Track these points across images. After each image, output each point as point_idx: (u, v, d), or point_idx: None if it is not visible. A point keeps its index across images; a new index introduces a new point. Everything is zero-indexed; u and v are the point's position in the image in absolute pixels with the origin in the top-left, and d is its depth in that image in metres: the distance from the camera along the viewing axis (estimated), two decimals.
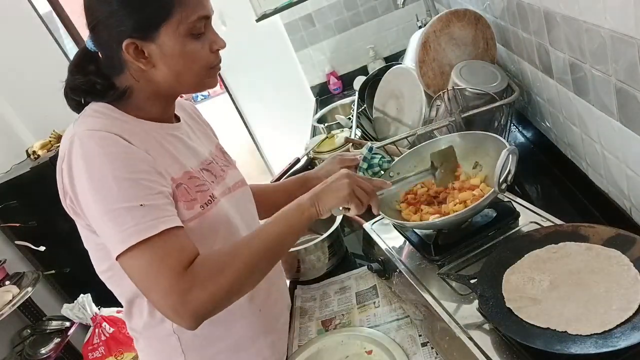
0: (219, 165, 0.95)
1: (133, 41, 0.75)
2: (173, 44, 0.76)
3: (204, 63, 0.81)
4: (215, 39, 0.82)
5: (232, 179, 0.97)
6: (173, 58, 0.78)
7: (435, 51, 1.29)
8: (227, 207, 0.89)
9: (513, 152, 0.80)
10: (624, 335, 0.57)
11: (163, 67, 0.78)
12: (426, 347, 0.87)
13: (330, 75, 2.67)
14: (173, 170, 0.81)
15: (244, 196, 0.99)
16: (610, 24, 0.66)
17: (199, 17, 0.77)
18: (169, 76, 0.80)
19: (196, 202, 0.82)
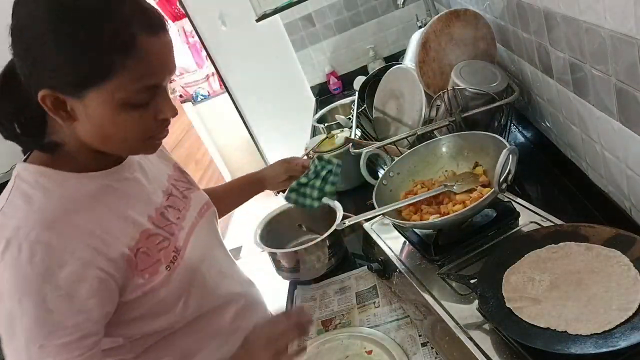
0: (180, 191, 0.87)
1: (53, 93, 0.62)
2: (103, 109, 0.64)
3: (139, 134, 0.69)
4: (164, 107, 0.68)
5: (198, 203, 0.90)
6: (100, 123, 0.65)
7: (435, 51, 1.29)
8: (197, 249, 0.82)
9: (513, 152, 0.80)
10: (624, 335, 0.57)
11: (88, 127, 0.66)
12: (426, 347, 0.87)
13: (330, 75, 2.67)
14: (127, 236, 0.71)
15: (212, 219, 0.93)
16: (610, 24, 0.66)
17: (145, 87, 0.64)
18: (93, 138, 0.68)
19: (160, 263, 0.74)
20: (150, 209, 0.78)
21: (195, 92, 4.42)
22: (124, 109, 0.64)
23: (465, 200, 0.89)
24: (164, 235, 0.77)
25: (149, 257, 0.73)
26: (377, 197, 0.98)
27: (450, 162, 1.03)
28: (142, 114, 0.67)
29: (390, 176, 1.04)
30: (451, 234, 0.89)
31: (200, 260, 0.83)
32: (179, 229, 0.81)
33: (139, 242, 0.72)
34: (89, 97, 0.63)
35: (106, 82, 0.62)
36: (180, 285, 0.77)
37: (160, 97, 0.68)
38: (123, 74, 0.62)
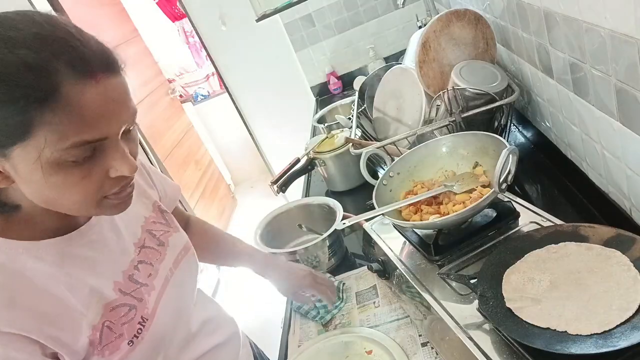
0: (157, 237, 0.79)
1: None
2: (32, 170, 0.53)
3: (87, 194, 0.57)
4: (118, 163, 0.57)
5: (175, 250, 0.81)
6: (35, 184, 0.55)
7: (435, 51, 1.29)
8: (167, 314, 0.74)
9: (513, 152, 0.80)
10: (623, 335, 0.57)
11: (26, 189, 0.57)
12: (426, 347, 0.87)
13: (330, 75, 2.67)
14: (90, 316, 0.63)
15: (188, 267, 0.84)
16: (610, 24, 0.66)
17: (74, 144, 0.52)
18: (37, 200, 0.58)
19: (122, 338, 0.65)
20: (117, 273, 0.69)
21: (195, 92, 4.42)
22: (58, 169, 0.54)
23: (465, 200, 0.89)
24: (130, 305, 0.68)
25: (111, 332, 0.64)
26: (377, 197, 0.98)
27: (450, 162, 1.03)
28: (85, 174, 0.56)
29: (390, 176, 1.04)
30: (451, 234, 0.89)
31: (166, 328, 0.74)
32: (149, 290, 0.72)
33: (103, 317, 0.64)
34: (14, 158, 0.53)
35: (28, 141, 0.51)
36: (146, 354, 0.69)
37: (112, 151, 0.57)
38: (45, 130, 0.51)
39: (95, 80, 0.53)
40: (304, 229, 1.30)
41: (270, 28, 2.65)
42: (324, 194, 1.61)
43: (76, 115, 0.52)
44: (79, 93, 0.52)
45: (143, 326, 0.68)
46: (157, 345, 0.71)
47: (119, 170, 0.58)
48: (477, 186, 0.91)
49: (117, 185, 0.60)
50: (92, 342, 0.62)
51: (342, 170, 1.54)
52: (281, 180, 1.52)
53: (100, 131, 0.54)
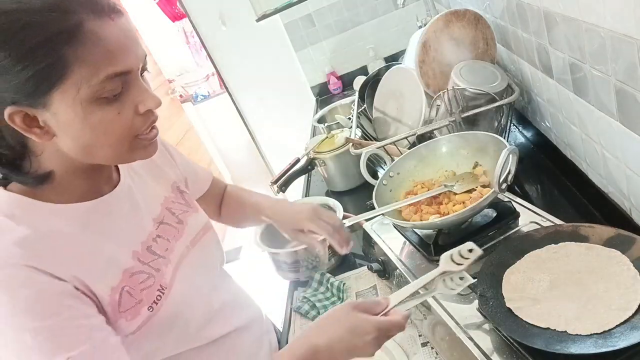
0: (176, 215, 0.82)
1: (19, 109, 0.57)
2: (72, 113, 0.58)
3: (123, 132, 0.62)
4: (144, 97, 0.62)
5: (194, 229, 0.84)
6: (76, 129, 0.59)
7: (435, 51, 1.29)
8: (183, 287, 0.76)
9: (513, 152, 0.80)
10: (623, 335, 0.57)
11: (66, 138, 0.60)
12: (426, 347, 0.87)
13: (330, 75, 2.67)
14: (110, 277, 0.66)
15: (207, 247, 0.86)
16: (610, 24, 0.66)
17: (107, 77, 0.57)
18: (76, 149, 0.62)
19: (142, 304, 0.68)
20: (136, 243, 0.73)
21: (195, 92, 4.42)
22: (95, 107, 0.58)
23: (465, 200, 0.89)
24: (148, 273, 0.71)
25: (131, 297, 0.68)
26: (377, 197, 0.98)
27: (450, 162, 1.03)
28: (118, 110, 0.60)
29: (390, 176, 1.04)
30: (451, 234, 0.89)
31: (186, 298, 0.76)
32: (165, 263, 0.75)
33: (122, 281, 0.67)
34: (54, 104, 0.57)
35: (65, 81, 0.56)
36: (163, 326, 0.71)
37: (136, 87, 0.62)
38: (80, 67, 0.55)
39: (110, 18, 0.58)
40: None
41: (270, 28, 2.64)
42: (324, 194, 1.61)
43: (103, 48, 0.57)
44: (100, 28, 0.57)
45: (162, 294, 0.71)
46: (175, 316, 0.73)
47: (147, 104, 0.62)
48: (477, 186, 0.91)
49: (146, 122, 0.64)
50: (112, 304, 0.65)
51: (342, 170, 1.54)
52: (281, 180, 1.52)
53: (125, 63, 0.59)
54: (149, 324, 0.69)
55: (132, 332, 0.68)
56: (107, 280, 0.66)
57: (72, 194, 0.68)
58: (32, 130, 0.59)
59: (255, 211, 1.04)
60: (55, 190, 0.66)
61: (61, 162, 0.65)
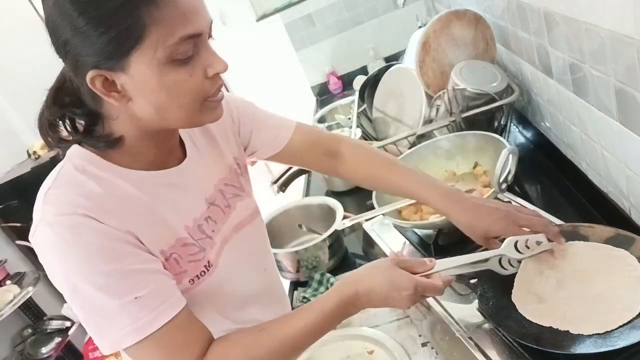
0: (226, 199, 0.83)
1: (99, 72, 0.60)
2: (149, 74, 0.60)
3: (194, 94, 0.64)
4: (212, 61, 0.64)
5: (239, 215, 0.84)
6: (151, 91, 0.62)
7: (435, 51, 1.29)
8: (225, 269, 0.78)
9: (513, 152, 0.80)
10: (623, 335, 0.57)
11: (142, 100, 0.63)
12: (426, 347, 0.87)
13: (330, 75, 2.67)
14: (162, 241, 0.69)
15: (252, 233, 0.87)
16: (609, 24, 0.67)
17: (181, 38, 0.59)
18: (150, 112, 0.65)
19: (185, 274, 0.71)
20: (188, 219, 0.75)
21: None
22: (170, 69, 0.61)
23: None
24: (199, 247, 0.74)
25: (177, 265, 0.70)
26: (377, 197, 0.98)
27: (450, 162, 1.03)
28: (190, 72, 0.62)
29: None
30: (451, 234, 0.89)
31: (224, 282, 0.78)
32: (212, 244, 0.77)
33: (172, 248, 0.70)
34: (132, 65, 0.60)
35: (143, 42, 0.58)
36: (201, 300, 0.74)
37: (205, 51, 0.63)
38: (157, 28, 0.58)
39: None
40: (304, 229, 1.31)
41: (270, 28, 2.64)
42: (324, 194, 1.61)
43: (177, 10, 0.58)
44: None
45: (207, 270, 0.74)
46: (213, 295, 0.76)
47: (215, 68, 0.64)
48: (477, 186, 0.91)
49: (215, 85, 0.66)
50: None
51: None
52: (281, 180, 1.52)
53: (197, 25, 0.60)
54: (188, 294, 0.71)
55: None
56: (159, 243, 0.69)
57: (139, 160, 0.71)
58: (110, 94, 0.62)
59: (414, 195, 0.88)
60: (123, 155, 0.69)
61: (133, 128, 0.68)
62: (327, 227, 1.20)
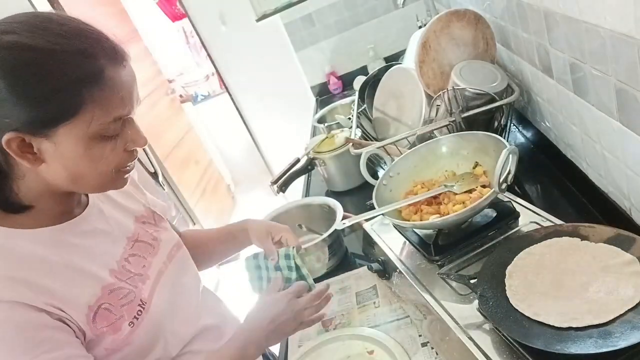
0: (150, 233, 0.84)
1: (19, 135, 0.60)
2: (75, 145, 0.62)
3: (111, 166, 0.67)
4: (135, 137, 0.68)
5: (167, 246, 0.86)
6: (72, 160, 0.64)
7: (435, 51, 1.29)
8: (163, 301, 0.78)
9: (513, 152, 0.80)
10: (623, 335, 0.57)
11: (57, 166, 0.64)
12: (426, 347, 0.87)
13: (330, 75, 2.67)
14: (86, 296, 0.68)
15: (182, 261, 0.89)
16: (610, 24, 0.66)
17: (115, 118, 0.64)
18: (63, 177, 0.66)
19: (123, 320, 0.70)
20: (112, 262, 0.75)
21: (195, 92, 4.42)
22: (96, 143, 0.64)
23: (465, 200, 0.89)
24: (128, 289, 0.74)
25: (111, 313, 0.70)
26: (377, 197, 0.98)
27: (450, 162, 1.03)
28: (113, 147, 0.66)
29: (390, 176, 1.04)
30: (451, 234, 0.89)
31: (167, 313, 0.79)
32: (143, 279, 0.77)
33: (100, 299, 0.70)
34: (59, 135, 0.61)
35: (77, 117, 0.61)
36: (145, 343, 0.74)
37: (130, 128, 0.68)
38: (93, 106, 0.61)
39: (124, 66, 0.65)
40: (304, 229, 1.30)
41: (270, 28, 2.65)
42: (324, 194, 1.61)
43: (116, 93, 0.63)
44: (116, 75, 0.63)
45: (142, 309, 0.74)
46: (156, 333, 0.76)
47: (136, 143, 0.69)
48: (477, 186, 0.91)
49: (132, 158, 0.70)
50: (89, 321, 0.67)
51: (342, 170, 1.54)
52: (281, 180, 1.52)
53: (129, 107, 0.66)
54: (132, 338, 0.71)
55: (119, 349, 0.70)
56: (85, 298, 0.68)
57: (46, 217, 0.70)
58: (24, 156, 0.62)
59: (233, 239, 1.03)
60: (29, 215, 0.69)
61: (40, 187, 0.67)
62: (327, 227, 1.20)
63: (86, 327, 0.67)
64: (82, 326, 0.67)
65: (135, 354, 0.72)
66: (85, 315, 0.67)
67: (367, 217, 0.94)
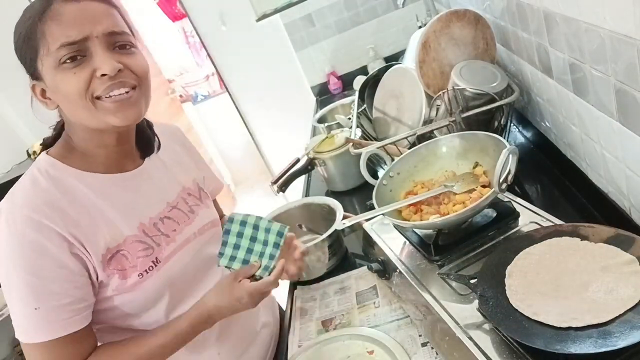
0: (188, 205, 0.92)
1: (34, 83, 0.75)
2: (51, 79, 0.73)
3: (79, 93, 0.72)
4: (100, 63, 0.72)
5: (202, 221, 0.94)
6: (56, 93, 0.74)
7: (435, 51, 1.29)
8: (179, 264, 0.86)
9: (513, 152, 0.80)
10: (623, 335, 0.57)
11: (61, 104, 0.76)
12: (426, 347, 0.87)
13: (330, 75, 2.67)
14: (109, 239, 0.78)
15: (212, 236, 0.95)
16: (609, 24, 0.67)
17: (62, 44, 0.70)
18: (68, 113, 0.77)
19: (134, 269, 0.80)
20: (145, 217, 0.84)
21: (195, 92, 4.42)
22: (60, 72, 0.71)
23: (465, 200, 0.90)
24: (148, 244, 0.82)
25: (126, 260, 0.79)
26: (377, 197, 0.98)
27: (450, 162, 1.03)
28: (75, 72, 0.71)
29: (390, 176, 1.04)
30: (451, 234, 0.89)
31: (182, 276, 0.87)
32: (168, 241, 0.85)
33: (120, 245, 0.79)
34: (42, 73, 0.73)
35: (40, 51, 0.71)
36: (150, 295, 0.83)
37: (97, 54, 0.72)
38: (47, 38, 0.70)
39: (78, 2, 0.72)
40: (304, 229, 1.30)
41: (270, 28, 2.65)
42: (324, 194, 1.61)
43: (60, 22, 0.70)
44: (62, 6, 0.71)
45: (155, 266, 0.82)
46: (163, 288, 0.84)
47: (101, 69, 0.72)
48: (477, 186, 0.91)
49: (104, 85, 0.73)
50: (103, 261, 0.77)
51: (342, 170, 1.54)
52: (281, 180, 1.52)
53: (77, 33, 0.70)
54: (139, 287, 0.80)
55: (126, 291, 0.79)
56: (106, 241, 0.77)
57: (93, 163, 0.81)
58: (45, 101, 0.76)
59: None
60: (81, 159, 0.80)
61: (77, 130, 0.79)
62: (327, 227, 1.20)
63: (99, 266, 0.76)
64: (96, 265, 0.76)
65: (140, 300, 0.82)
66: (102, 255, 0.76)
67: (367, 217, 0.94)
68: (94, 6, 0.73)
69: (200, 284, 0.91)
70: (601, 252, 0.70)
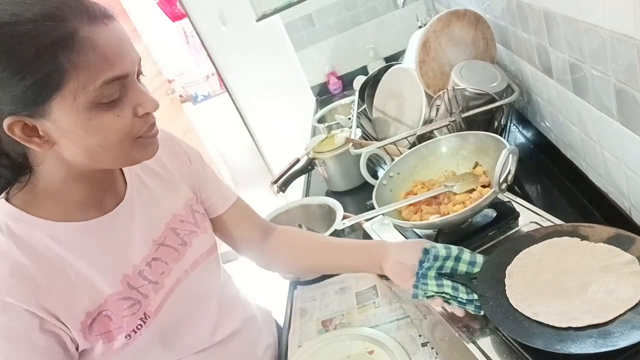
0: (180, 237, 0.80)
1: (17, 119, 0.57)
2: (73, 119, 0.58)
3: (124, 135, 0.62)
4: (142, 100, 0.62)
5: (195, 253, 0.82)
6: (77, 135, 0.60)
7: (435, 51, 1.29)
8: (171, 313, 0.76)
9: (513, 152, 0.80)
10: (623, 335, 0.57)
11: (68, 144, 0.61)
12: (426, 347, 0.87)
13: (330, 75, 2.67)
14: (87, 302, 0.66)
15: (208, 270, 0.85)
16: (609, 24, 0.67)
17: (105, 82, 0.58)
18: (78, 154, 0.62)
19: (121, 330, 0.69)
20: (128, 268, 0.72)
21: (195, 92, 4.42)
22: (96, 112, 0.59)
23: (465, 200, 0.90)
24: (135, 299, 0.71)
25: (110, 321, 0.68)
26: (377, 197, 0.98)
27: (450, 162, 1.03)
28: (118, 114, 0.60)
29: (390, 176, 1.04)
30: (451, 234, 0.89)
31: (173, 325, 0.77)
32: (156, 289, 0.74)
33: (102, 306, 0.68)
34: (54, 112, 0.57)
35: (62, 88, 0.56)
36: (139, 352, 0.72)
37: (133, 91, 0.62)
38: (77, 73, 0.56)
39: (103, 24, 0.59)
40: (304, 229, 1.30)
41: (270, 28, 2.64)
42: (324, 194, 1.61)
43: (99, 54, 0.57)
44: (94, 35, 0.57)
45: (144, 323, 0.71)
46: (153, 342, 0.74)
47: (145, 107, 0.63)
48: (477, 186, 0.91)
49: (146, 124, 0.64)
50: (83, 327, 0.66)
51: (342, 170, 1.54)
52: (281, 180, 1.52)
53: (121, 67, 0.59)
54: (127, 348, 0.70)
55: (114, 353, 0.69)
56: (84, 306, 0.66)
57: (74, 206, 0.68)
58: (31, 140, 0.59)
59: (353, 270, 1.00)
60: (53, 204, 0.67)
61: (61, 171, 0.65)
62: (327, 227, 1.20)
63: (79, 335, 0.66)
64: (74, 336, 0.65)
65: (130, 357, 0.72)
66: (80, 323, 0.65)
67: (367, 217, 0.94)
68: (119, 28, 0.61)
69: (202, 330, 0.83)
70: (601, 252, 0.70)
